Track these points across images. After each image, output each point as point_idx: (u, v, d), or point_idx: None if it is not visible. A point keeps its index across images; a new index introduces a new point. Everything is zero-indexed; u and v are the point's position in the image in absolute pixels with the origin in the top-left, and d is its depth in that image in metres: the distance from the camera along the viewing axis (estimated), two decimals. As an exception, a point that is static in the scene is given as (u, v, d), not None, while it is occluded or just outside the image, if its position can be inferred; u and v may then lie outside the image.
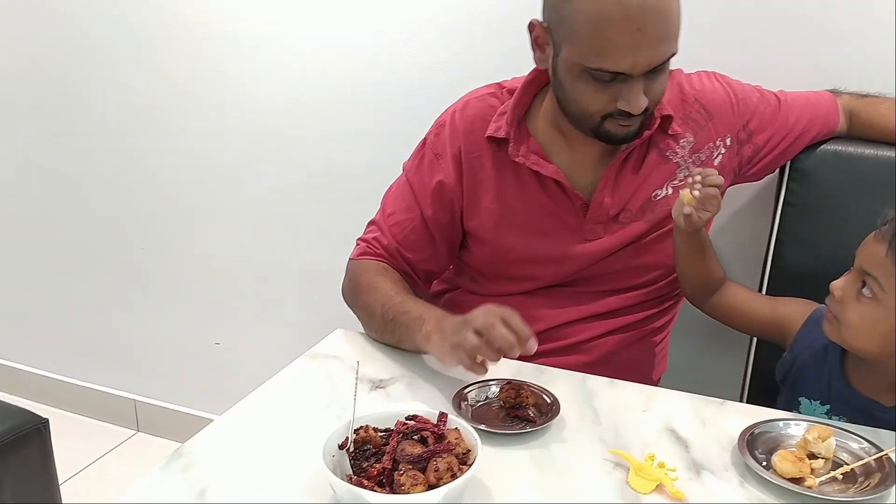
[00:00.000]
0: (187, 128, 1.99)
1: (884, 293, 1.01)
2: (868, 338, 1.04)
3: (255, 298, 2.08)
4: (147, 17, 1.92)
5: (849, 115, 1.33)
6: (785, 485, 0.89)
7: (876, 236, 1.03)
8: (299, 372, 1.16)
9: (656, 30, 1.06)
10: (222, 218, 2.04)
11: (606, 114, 1.14)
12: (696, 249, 1.20)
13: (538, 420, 1.02)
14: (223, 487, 0.90)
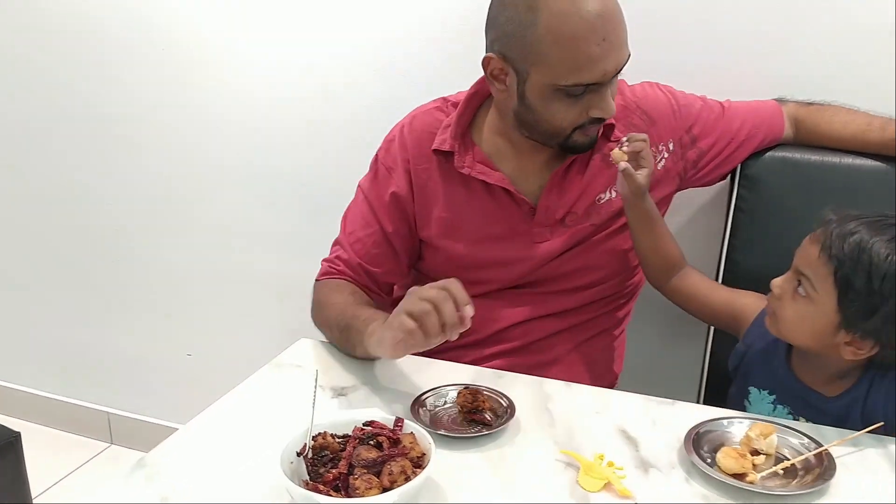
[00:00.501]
0: (157, 142, 2.01)
1: (816, 293, 1.05)
2: (802, 333, 1.09)
3: (226, 310, 2.10)
4: (115, 32, 1.94)
5: (794, 123, 1.38)
6: (727, 480, 0.92)
7: (811, 238, 1.08)
8: (262, 381, 1.18)
9: (617, 36, 1.13)
10: (193, 231, 2.05)
11: (577, 126, 1.19)
12: (646, 223, 1.25)
13: (494, 423, 1.05)
14: (185, 496, 0.92)
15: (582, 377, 1.33)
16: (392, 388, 1.15)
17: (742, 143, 1.36)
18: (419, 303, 1.00)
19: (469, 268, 1.33)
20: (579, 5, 1.09)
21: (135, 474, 0.96)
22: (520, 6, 1.13)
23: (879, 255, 1.02)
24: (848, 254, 1.03)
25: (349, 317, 1.20)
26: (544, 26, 1.10)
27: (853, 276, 1.02)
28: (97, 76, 2.00)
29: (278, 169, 1.91)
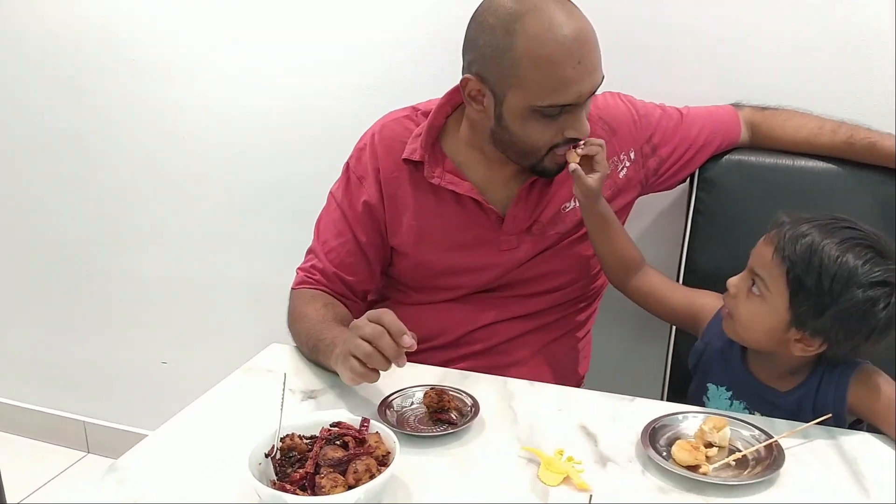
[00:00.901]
0: (129, 151, 2.02)
1: (769, 292, 1.10)
2: (756, 332, 1.13)
3: (200, 317, 2.11)
4: (84, 45, 1.95)
5: (750, 127, 1.43)
6: (681, 472, 0.96)
7: (765, 240, 1.12)
8: (233, 386, 1.21)
9: (591, 59, 1.17)
10: (166, 239, 2.07)
11: (553, 146, 1.22)
12: (601, 225, 1.28)
13: (459, 422, 1.08)
14: (156, 498, 0.94)
15: (548, 378, 1.37)
16: (360, 391, 1.17)
17: (700, 149, 1.40)
18: (360, 345, 1.03)
19: (438, 274, 1.36)
20: (555, 29, 1.13)
21: (106, 478, 0.98)
22: (497, 30, 1.15)
23: (830, 257, 1.06)
24: (800, 255, 1.07)
25: (316, 338, 1.23)
26: (521, 49, 1.13)
27: (804, 276, 1.07)
28: (66, 87, 2.01)
29: (249, 177, 1.93)
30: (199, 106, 1.91)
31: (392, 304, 1.42)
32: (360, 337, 1.04)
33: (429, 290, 1.39)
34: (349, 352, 1.05)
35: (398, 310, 1.33)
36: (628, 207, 1.42)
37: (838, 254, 1.06)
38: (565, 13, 1.14)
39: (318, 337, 1.22)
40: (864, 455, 1.03)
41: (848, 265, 1.05)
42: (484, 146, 1.30)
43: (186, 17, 1.84)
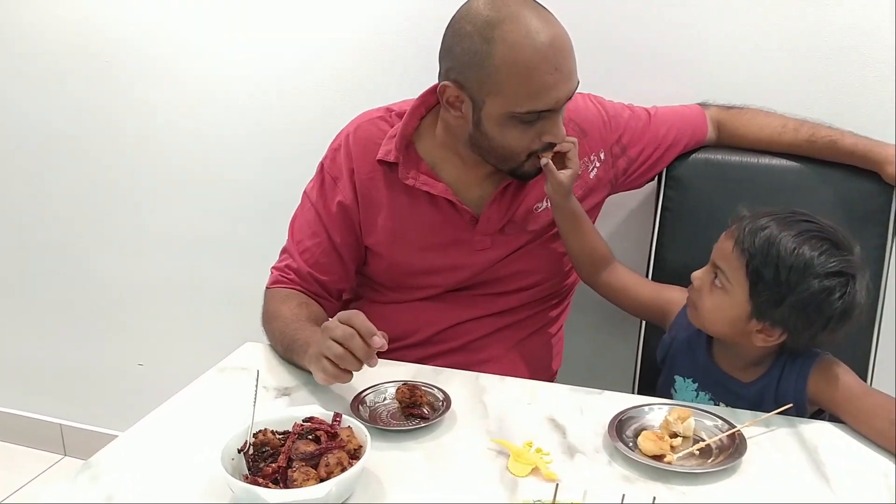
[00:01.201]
0: (104, 153, 2.02)
1: (730, 284, 1.13)
2: (719, 322, 1.16)
3: (176, 318, 2.12)
4: (58, 46, 1.95)
5: (717, 126, 1.46)
6: (646, 462, 0.99)
7: (727, 234, 1.16)
8: (207, 384, 1.22)
9: (568, 65, 1.19)
10: (141, 241, 2.07)
11: (531, 151, 1.24)
12: (572, 222, 1.31)
13: (431, 417, 1.10)
14: (129, 493, 0.95)
15: (521, 374, 1.38)
16: (333, 387, 1.18)
17: (668, 148, 1.43)
18: (332, 346, 1.05)
19: (412, 274, 1.38)
20: (533, 37, 1.15)
21: (80, 476, 0.99)
22: (475, 37, 1.17)
23: (787, 249, 1.09)
24: (758, 248, 1.10)
25: (290, 338, 1.24)
26: (499, 57, 1.15)
27: (763, 268, 1.10)
28: (43, 89, 2.01)
29: (223, 177, 1.94)
30: (173, 108, 1.92)
31: (366, 302, 1.44)
32: (331, 338, 1.06)
33: (403, 290, 1.40)
34: (321, 353, 1.07)
35: (373, 308, 1.36)
36: (598, 207, 1.45)
37: (795, 245, 1.09)
38: (541, 20, 1.16)
39: (292, 337, 1.23)
40: (824, 443, 1.06)
41: (804, 256, 1.08)
42: (459, 148, 1.32)
43: (162, 20, 1.85)
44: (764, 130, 1.42)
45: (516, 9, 1.16)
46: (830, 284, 1.08)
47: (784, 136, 1.40)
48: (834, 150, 1.37)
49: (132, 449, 1.06)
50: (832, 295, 1.08)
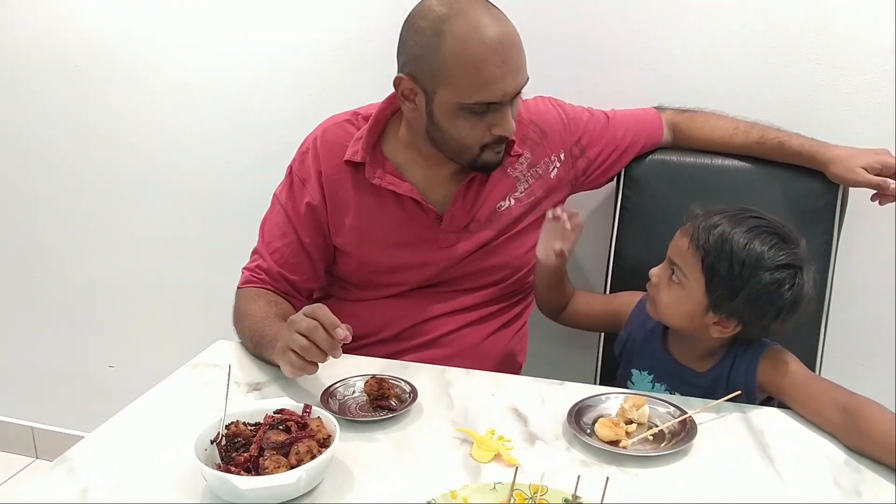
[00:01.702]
0: (74, 154, 2.03)
1: (687, 279, 1.18)
2: (677, 315, 1.22)
3: (147, 320, 2.13)
4: (26, 50, 1.96)
5: (672, 128, 1.52)
6: (602, 447, 1.04)
7: (682, 232, 1.21)
8: (180, 381, 1.25)
9: (515, 60, 1.24)
10: (110, 243, 2.09)
11: (484, 144, 1.29)
12: (557, 279, 1.37)
13: (399, 408, 1.14)
14: (104, 484, 0.98)
15: (487, 368, 1.41)
16: (303, 382, 1.22)
17: (626, 150, 1.49)
18: (297, 339, 1.09)
19: (379, 272, 1.42)
20: (481, 31, 1.20)
21: (56, 469, 1.02)
22: (427, 31, 1.23)
23: (739, 245, 1.15)
24: (712, 244, 1.16)
25: (259, 335, 1.28)
26: (449, 49, 1.21)
27: (717, 263, 1.16)
28: (12, 91, 2.02)
29: (193, 180, 1.96)
30: (144, 111, 1.94)
31: (336, 301, 1.48)
32: (296, 331, 1.09)
33: (371, 287, 1.44)
34: (287, 346, 1.11)
35: (342, 306, 1.40)
36: (560, 205, 1.50)
37: (746, 241, 1.15)
38: (490, 17, 1.22)
39: (261, 333, 1.26)
40: (770, 427, 1.12)
41: (755, 251, 1.14)
42: (422, 147, 1.36)
43: (135, 24, 1.87)
44: (716, 132, 1.48)
45: (466, 6, 1.22)
46: (780, 276, 1.14)
47: (735, 137, 1.46)
48: (782, 152, 1.43)
49: (107, 442, 1.09)
50: (782, 286, 1.14)
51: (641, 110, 1.53)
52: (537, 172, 1.42)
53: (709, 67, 1.57)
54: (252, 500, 0.92)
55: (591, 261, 1.69)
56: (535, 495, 0.90)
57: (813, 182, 1.43)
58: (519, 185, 1.41)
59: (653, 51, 1.59)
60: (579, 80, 1.60)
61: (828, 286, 1.45)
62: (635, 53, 1.59)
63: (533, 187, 1.43)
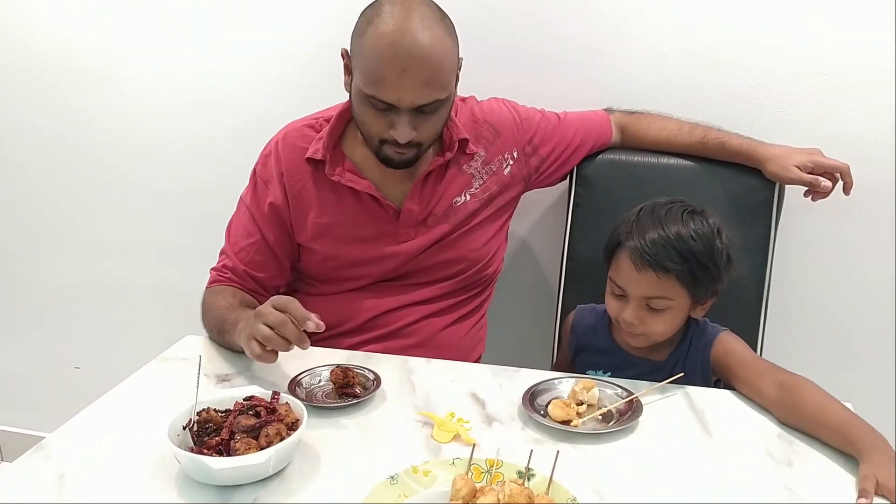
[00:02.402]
0: (36, 156, 2.05)
1: (672, 300, 1.25)
2: (672, 331, 1.30)
3: (113, 321, 2.16)
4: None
5: (620, 129, 1.60)
6: (555, 426, 1.11)
7: (637, 268, 1.24)
8: (150, 373, 1.29)
9: (419, 74, 1.25)
10: (75, 245, 2.11)
11: (382, 139, 1.34)
12: None
13: (363, 395, 1.20)
14: (80, 470, 1.02)
15: (448, 358, 1.49)
16: (271, 373, 1.27)
17: (576, 149, 1.57)
18: (262, 329, 1.13)
19: (342, 267, 1.48)
20: (395, 35, 1.23)
21: (33, 456, 1.06)
22: (367, 16, 1.29)
23: (691, 240, 1.23)
24: (679, 255, 1.22)
25: (223, 321, 1.33)
26: (368, 39, 1.27)
27: (694, 269, 1.23)
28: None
29: (158, 183, 1.99)
30: (106, 111, 1.96)
31: (301, 295, 1.53)
32: (263, 323, 1.14)
33: (334, 282, 1.50)
34: (251, 335, 1.15)
35: (306, 300, 1.45)
36: (515, 201, 1.57)
37: (690, 231, 1.24)
38: (418, 29, 1.24)
39: (224, 319, 1.32)
40: (711, 406, 1.20)
41: (704, 232, 1.24)
42: None
43: (92, 24, 1.89)
44: (661, 133, 1.57)
45: (408, 10, 1.25)
46: (720, 240, 1.26)
47: (679, 137, 1.55)
48: (723, 151, 1.53)
49: (82, 431, 1.13)
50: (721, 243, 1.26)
51: (591, 112, 1.61)
52: (491, 169, 1.49)
53: (655, 71, 1.66)
54: (224, 480, 0.97)
55: (546, 255, 1.76)
56: (490, 469, 0.97)
57: (752, 179, 1.52)
58: (474, 182, 1.48)
59: (602, 56, 1.67)
60: (533, 84, 1.67)
61: (767, 276, 1.54)
62: (585, 58, 1.67)
63: (487, 183, 1.50)
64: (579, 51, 1.67)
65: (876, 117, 1.58)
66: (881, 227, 1.64)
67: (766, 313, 1.55)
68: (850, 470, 1.03)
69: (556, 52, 1.68)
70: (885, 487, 0.97)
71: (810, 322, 1.73)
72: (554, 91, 1.66)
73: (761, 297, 1.54)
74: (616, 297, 1.29)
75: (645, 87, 1.66)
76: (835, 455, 1.06)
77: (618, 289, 1.28)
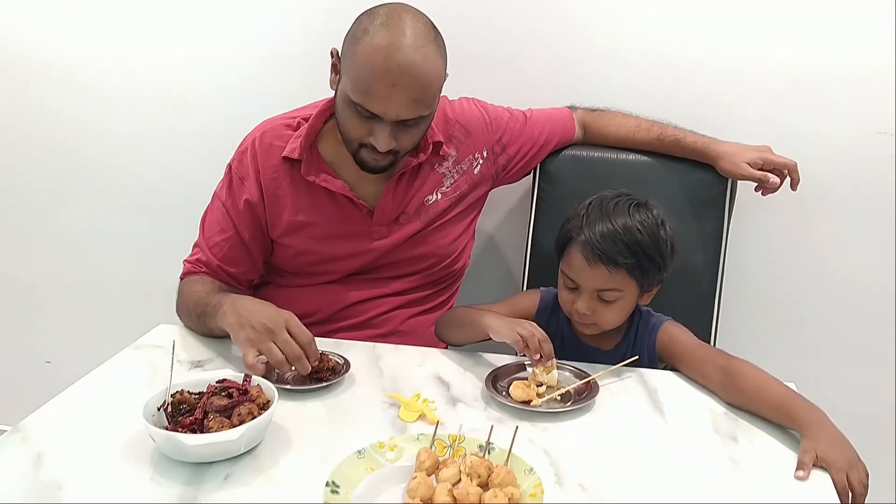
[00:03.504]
0: (7, 152, 2.06)
1: (622, 292, 1.31)
2: (621, 319, 1.36)
3: (85, 315, 2.17)
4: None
5: (583, 126, 1.67)
6: (515, 405, 1.17)
7: (589, 262, 1.29)
8: (124, 360, 1.33)
9: (408, 91, 1.29)
10: (46, 238, 2.12)
11: (361, 143, 1.38)
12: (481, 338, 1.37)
13: (332, 379, 1.24)
14: (57, 450, 1.05)
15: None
16: (242, 359, 1.30)
17: (542, 147, 1.63)
18: (274, 351, 1.19)
19: (316, 262, 1.52)
20: (389, 51, 1.26)
21: (10, 438, 1.08)
22: (362, 24, 1.32)
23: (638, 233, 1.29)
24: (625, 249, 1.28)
25: (204, 304, 1.36)
26: (362, 48, 1.30)
27: (642, 261, 1.29)
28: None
29: (127, 177, 2.02)
30: (80, 107, 1.98)
31: (273, 287, 1.57)
32: (273, 342, 1.19)
33: (307, 275, 1.54)
34: (254, 345, 1.20)
35: (278, 292, 1.50)
36: (483, 199, 1.63)
37: (639, 224, 1.29)
38: (413, 47, 1.28)
39: (204, 302, 1.36)
40: (663, 387, 1.27)
41: (649, 223, 1.30)
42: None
43: (67, 19, 1.91)
44: (621, 130, 1.63)
45: (401, 25, 1.29)
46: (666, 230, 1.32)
47: (637, 134, 1.62)
48: (678, 147, 1.60)
49: (57, 414, 1.16)
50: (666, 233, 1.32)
51: (555, 110, 1.67)
52: (462, 169, 1.54)
53: (616, 71, 1.73)
54: (197, 456, 1.01)
55: (511, 247, 1.82)
56: (453, 443, 1.02)
57: (705, 174, 1.60)
58: (445, 181, 1.53)
59: (566, 55, 1.74)
60: (500, 83, 1.72)
61: (720, 267, 1.62)
62: (550, 57, 1.74)
63: (458, 182, 1.55)
64: (544, 49, 1.74)
65: (822, 117, 1.66)
66: (828, 220, 1.73)
67: (719, 302, 1.63)
68: (790, 445, 1.10)
69: (522, 51, 1.74)
70: (824, 460, 1.05)
71: (762, 310, 1.81)
72: (518, 88, 1.72)
73: (715, 287, 1.62)
74: (569, 290, 1.34)
75: (607, 84, 1.72)
76: (777, 431, 1.13)
77: (570, 282, 1.33)
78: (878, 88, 1.63)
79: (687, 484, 1.01)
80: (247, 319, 1.23)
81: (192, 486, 0.98)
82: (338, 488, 0.92)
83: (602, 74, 1.73)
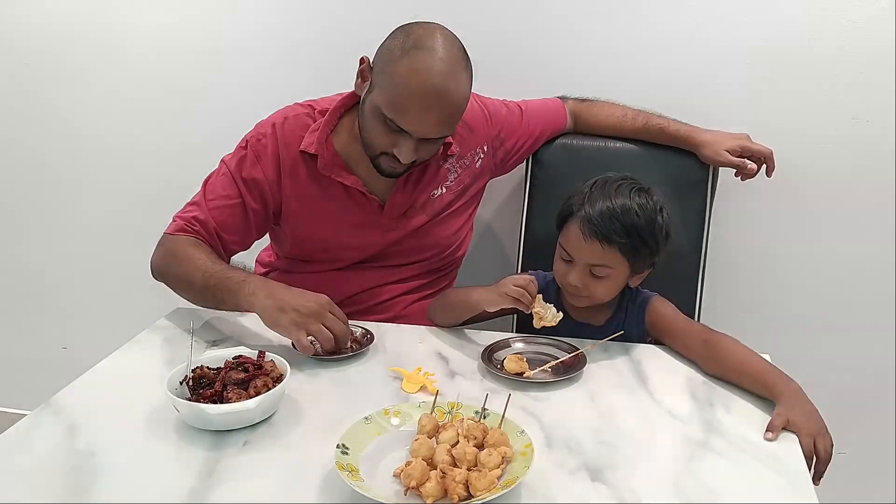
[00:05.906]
0: (20, 143, 2.15)
1: (612, 269, 1.38)
2: (610, 296, 1.43)
3: (99, 302, 2.26)
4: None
5: (573, 116, 1.75)
6: (509, 377, 1.26)
7: (584, 238, 1.37)
8: (143, 341, 1.42)
9: (440, 114, 1.38)
10: (61, 226, 2.21)
11: (384, 151, 1.45)
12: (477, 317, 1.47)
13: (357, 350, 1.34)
14: (88, 422, 1.15)
15: (417, 329, 1.63)
16: (257, 339, 1.40)
17: (536, 139, 1.72)
18: (323, 332, 1.27)
19: (326, 249, 1.60)
20: (429, 75, 1.34)
21: (43, 412, 1.18)
22: (400, 42, 1.38)
23: (636, 214, 1.36)
24: (620, 229, 1.35)
25: (219, 277, 1.39)
26: (401, 68, 1.36)
27: (635, 242, 1.36)
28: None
29: (149, 164, 2.10)
30: (86, 100, 2.07)
31: (282, 273, 1.65)
32: (322, 324, 1.28)
33: (315, 262, 1.62)
34: (303, 328, 1.28)
35: (287, 278, 1.58)
36: (482, 191, 1.71)
37: (637, 207, 1.37)
38: (449, 74, 1.35)
39: (222, 276, 1.38)
40: (647, 360, 1.36)
41: (647, 207, 1.38)
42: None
43: (70, 17, 1.99)
44: (609, 119, 1.72)
45: (438, 51, 1.35)
46: (663, 215, 1.39)
47: (624, 123, 1.71)
48: (663, 135, 1.69)
49: (86, 390, 1.25)
50: (663, 218, 1.39)
51: (548, 101, 1.75)
52: (465, 163, 1.62)
53: (605, 61, 1.81)
54: (219, 424, 1.11)
55: (506, 232, 1.91)
56: (452, 410, 1.11)
57: (689, 161, 1.69)
58: (450, 175, 1.61)
59: (557, 47, 1.82)
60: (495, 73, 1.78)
61: (703, 247, 1.71)
62: (541, 48, 1.82)
63: (461, 176, 1.63)
64: (536, 41, 1.82)
65: (798, 107, 1.75)
66: (805, 204, 1.81)
67: (702, 282, 1.72)
68: (764, 411, 1.19)
69: (515, 43, 1.82)
70: (794, 425, 1.14)
71: (742, 289, 1.90)
72: (511, 78, 1.80)
73: (698, 267, 1.71)
74: (564, 262, 1.42)
75: (596, 75, 1.81)
76: (751, 398, 1.23)
77: (566, 254, 1.41)
78: (853, 77, 1.72)
79: (665, 444, 1.10)
80: (287, 303, 1.30)
81: (215, 451, 1.07)
82: (347, 450, 1.01)
83: (592, 64, 1.81)
